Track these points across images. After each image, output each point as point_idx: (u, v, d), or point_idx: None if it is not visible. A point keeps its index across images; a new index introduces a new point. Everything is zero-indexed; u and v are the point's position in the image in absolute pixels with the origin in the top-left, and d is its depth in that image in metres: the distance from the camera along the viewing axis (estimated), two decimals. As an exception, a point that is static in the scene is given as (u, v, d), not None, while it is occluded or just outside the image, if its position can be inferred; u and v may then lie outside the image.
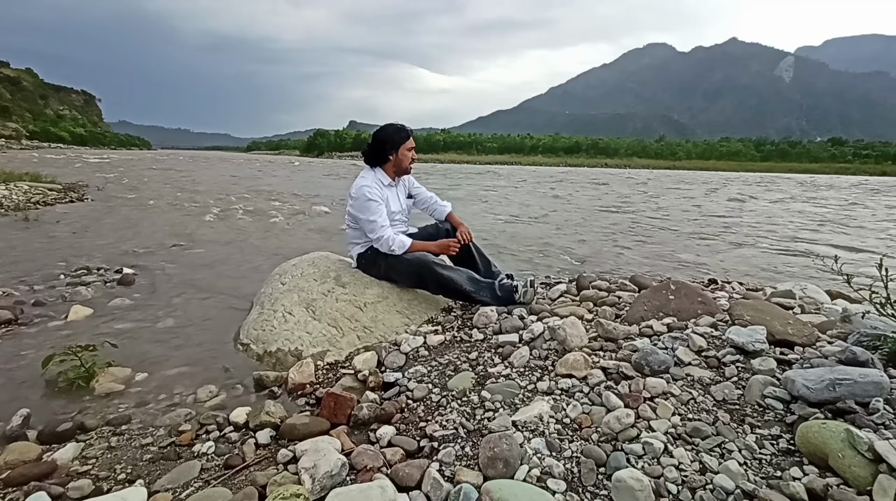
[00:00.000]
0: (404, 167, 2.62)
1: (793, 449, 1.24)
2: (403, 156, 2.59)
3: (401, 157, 2.58)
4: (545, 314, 2.30)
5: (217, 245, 5.11)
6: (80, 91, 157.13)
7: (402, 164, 2.61)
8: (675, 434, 1.33)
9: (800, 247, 6.64)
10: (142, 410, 1.74)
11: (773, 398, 1.41)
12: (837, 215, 11.19)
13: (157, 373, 2.03)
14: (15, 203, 7.02)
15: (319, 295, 2.45)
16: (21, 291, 3.07)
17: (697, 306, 2.12)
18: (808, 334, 1.74)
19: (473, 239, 2.71)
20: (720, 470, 1.18)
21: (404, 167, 2.62)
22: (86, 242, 4.90)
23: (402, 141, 2.56)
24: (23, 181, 9.08)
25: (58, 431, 1.54)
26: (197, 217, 7.17)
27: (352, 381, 1.90)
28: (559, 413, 1.48)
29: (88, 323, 2.62)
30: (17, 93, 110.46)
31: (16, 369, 2.04)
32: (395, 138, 2.57)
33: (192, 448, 1.49)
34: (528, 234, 6.93)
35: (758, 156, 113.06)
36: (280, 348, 2.16)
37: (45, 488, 1.25)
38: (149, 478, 1.35)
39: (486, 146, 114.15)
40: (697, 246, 6.46)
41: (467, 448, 1.37)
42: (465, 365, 1.91)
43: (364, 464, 1.32)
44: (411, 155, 2.61)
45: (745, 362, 1.61)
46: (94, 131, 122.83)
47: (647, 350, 1.67)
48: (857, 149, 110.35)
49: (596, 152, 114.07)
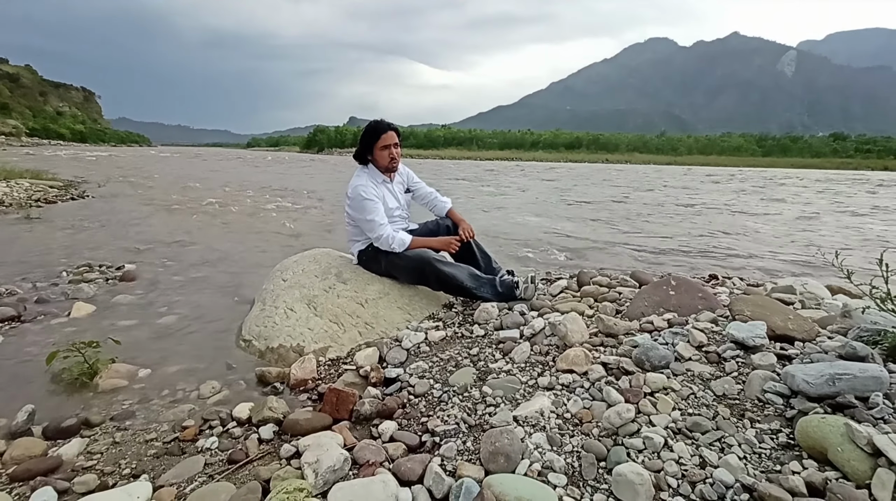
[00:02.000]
0: (383, 166, 2.53)
1: (792, 444, 1.25)
2: (378, 156, 2.49)
3: (376, 157, 2.50)
4: (546, 310, 2.30)
5: (218, 241, 5.12)
6: (79, 88, 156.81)
7: (379, 163, 2.51)
8: (675, 428, 1.34)
9: (802, 241, 6.63)
10: (145, 406, 1.75)
11: (773, 393, 1.42)
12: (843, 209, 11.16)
13: (159, 369, 2.04)
14: (16, 200, 7.03)
15: (321, 291, 2.45)
16: (24, 288, 3.09)
17: (698, 302, 2.13)
18: (809, 329, 1.75)
19: (475, 235, 2.71)
20: (720, 464, 1.19)
21: (383, 166, 2.53)
22: (87, 239, 4.91)
23: (372, 141, 2.47)
24: (24, 178, 9.09)
25: (62, 427, 1.55)
26: (198, 213, 7.18)
27: (353, 377, 1.91)
28: (560, 408, 1.49)
29: (91, 320, 2.63)
30: (17, 90, 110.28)
31: (20, 365, 2.06)
32: (366, 140, 2.49)
33: (196, 444, 1.50)
34: (528, 230, 6.92)
35: (759, 151, 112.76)
36: (282, 344, 2.17)
37: (51, 483, 1.27)
38: (153, 473, 1.36)
39: (487, 142, 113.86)
40: (699, 241, 6.46)
41: (469, 443, 1.38)
42: (466, 360, 1.92)
43: (366, 459, 1.33)
44: (388, 153, 2.47)
45: (746, 357, 1.61)
46: (93, 128, 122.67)
47: (647, 345, 1.67)
48: (859, 144, 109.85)
49: (597, 148, 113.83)
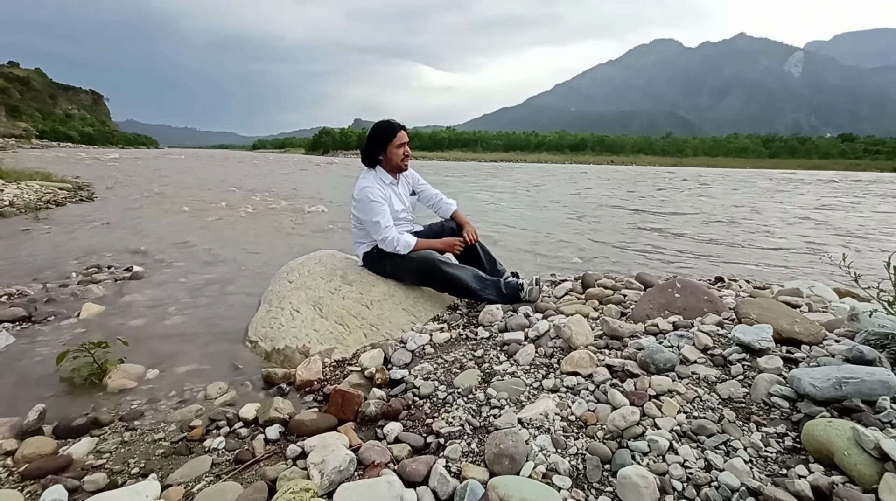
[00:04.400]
0: (396, 164, 2.56)
1: (798, 447, 1.24)
2: (393, 154, 2.52)
3: (390, 156, 2.53)
4: (550, 312, 2.31)
5: (226, 243, 5.16)
6: (88, 91, 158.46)
7: (393, 162, 2.55)
8: (680, 431, 1.34)
9: (810, 244, 6.58)
10: (153, 406, 1.77)
11: (779, 396, 1.41)
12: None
13: (167, 370, 2.07)
14: (26, 202, 7.11)
15: (326, 292, 2.47)
16: (34, 289, 3.13)
17: (703, 304, 2.12)
18: (815, 332, 1.74)
19: (479, 238, 2.71)
20: (725, 468, 1.19)
21: (396, 164, 2.56)
22: (96, 241, 4.97)
23: (388, 139, 2.50)
24: (34, 180, 9.20)
25: (72, 426, 1.58)
26: (206, 215, 7.23)
27: (359, 378, 1.92)
28: (564, 410, 1.49)
29: (100, 321, 2.66)
30: (27, 92, 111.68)
31: (31, 365, 2.09)
32: (380, 138, 2.52)
33: (203, 444, 1.51)
34: (533, 231, 6.92)
35: (766, 153, 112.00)
36: (288, 345, 2.18)
37: (62, 481, 1.29)
38: (161, 472, 1.37)
39: (492, 143, 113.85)
40: (706, 243, 6.42)
41: (473, 445, 1.39)
42: (470, 362, 1.92)
43: (371, 460, 1.34)
44: (402, 151, 2.53)
45: (751, 360, 1.61)
46: (102, 130, 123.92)
47: (652, 348, 1.67)
48: (867, 145, 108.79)
49: (602, 149, 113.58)
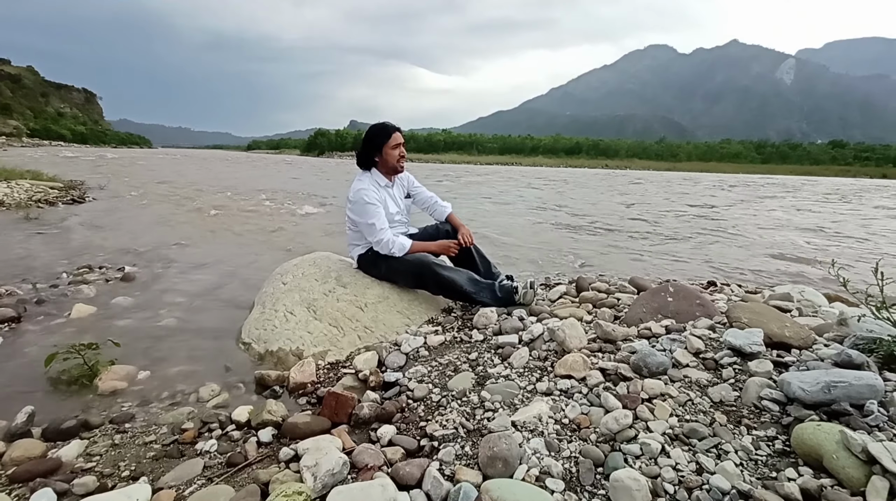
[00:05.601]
0: (392, 166, 2.58)
1: (788, 451, 1.26)
2: (388, 155, 2.54)
3: (386, 157, 2.54)
4: (545, 315, 2.31)
5: (219, 244, 5.13)
6: (80, 89, 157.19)
7: (388, 163, 2.57)
8: (672, 434, 1.35)
9: (802, 250, 6.65)
10: (144, 408, 1.75)
11: (769, 400, 1.43)
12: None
13: (159, 372, 2.05)
14: (17, 201, 7.03)
15: (321, 295, 2.46)
16: (24, 289, 3.09)
17: (696, 308, 2.14)
18: (805, 337, 1.76)
19: (474, 241, 2.72)
20: (716, 471, 1.20)
21: (392, 166, 2.58)
22: (87, 241, 4.91)
23: (383, 141, 2.52)
24: (24, 179, 9.09)
25: (62, 428, 1.55)
26: (198, 216, 7.19)
27: (353, 381, 1.91)
28: (558, 413, 1.49)
29: (91, 322, 2.63)
30: (18, 90, 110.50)
31: (19, 367, 2.06)
32: (375, 139, 2.54)
33: (195, 446, 1.50)
34: (528, 234, 6.94)
35: (758, 158, 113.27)
36: (281, 347, 2.17)
37: (51, 484, 1.27)
38: (152, 475, 1.36)
39: (487, 146, 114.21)
40: (697, 247, 6.48)
41: (467, 448, 1.39)
42: (465, 365, 1.93)
43: (365, 463, 1.33)
44: (397, 152, 2.55)
45: (743, 364, 1.63)
46: (94, 129, 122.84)
47: (645, 351, 1.68)
48: (857, 151, 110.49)
49: (597, 153, 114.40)
